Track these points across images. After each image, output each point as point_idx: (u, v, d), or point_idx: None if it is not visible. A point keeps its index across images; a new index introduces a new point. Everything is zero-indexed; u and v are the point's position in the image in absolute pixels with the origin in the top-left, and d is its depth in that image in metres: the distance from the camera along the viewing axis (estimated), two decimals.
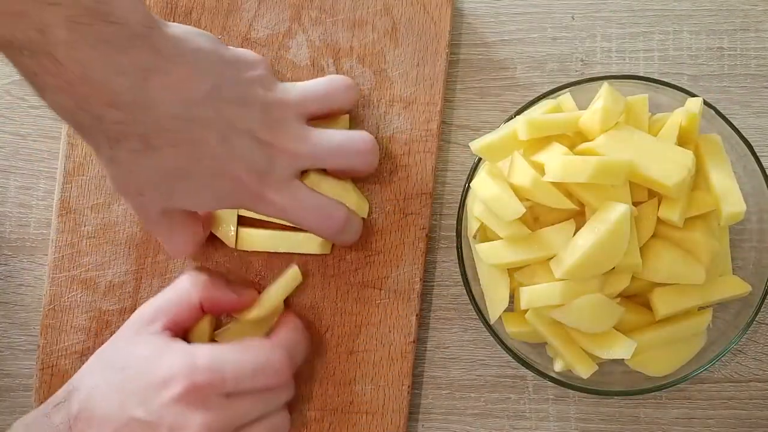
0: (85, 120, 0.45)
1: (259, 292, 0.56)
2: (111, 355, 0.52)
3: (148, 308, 0.53)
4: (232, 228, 0.57)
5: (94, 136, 0.46)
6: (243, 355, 0.50)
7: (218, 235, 0.57)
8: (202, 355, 0.49)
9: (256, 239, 0.57)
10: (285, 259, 0.57)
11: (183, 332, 0.53)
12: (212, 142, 0.48)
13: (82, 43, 0.42)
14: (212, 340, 0.55)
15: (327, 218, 0.53)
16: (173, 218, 0.52)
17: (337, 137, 0.53)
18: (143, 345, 0.51)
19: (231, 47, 0.52)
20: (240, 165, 0.49)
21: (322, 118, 0.55)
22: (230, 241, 0.57)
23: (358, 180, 0.57)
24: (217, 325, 0.56)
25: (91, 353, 0.57)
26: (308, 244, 0.56)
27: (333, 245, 0.57)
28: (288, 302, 0.57)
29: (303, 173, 0.54)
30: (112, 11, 0.42)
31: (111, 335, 0.57)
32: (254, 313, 0.54)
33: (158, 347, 0.50)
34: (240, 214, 0.57)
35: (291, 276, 0.56)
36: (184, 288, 0.53)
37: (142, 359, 0.50)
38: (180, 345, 0.50)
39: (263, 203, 0.51)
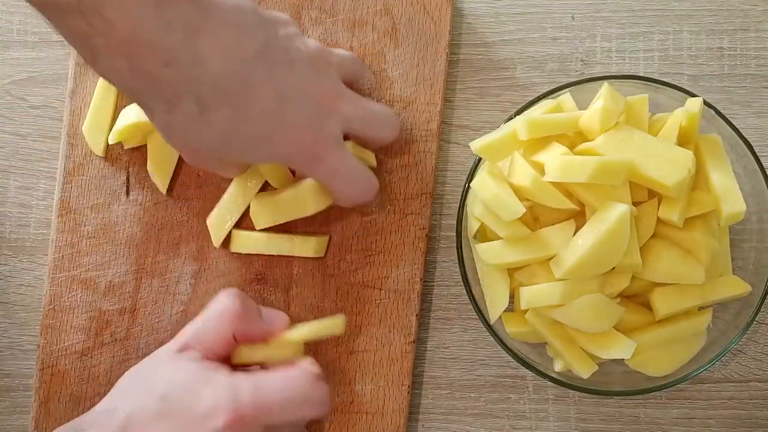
0: (139, 84, 0.45)
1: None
2: (148, 379, 0.50)
3: (185, 334, 0.51)
4: (227, 227, 0.57)
5: (149, 101, 0.46)
6: (288, 388, 0.48)
7: (210, 230, 0.57)
8: (246, 387, 0.47)
9: (250, 241, 0.57)
10: (285, 260, 0.57)
11: (221, 360, 0.51)
12: (267, 101, 0.48)
13: (129, 1, 0.42)
14: None
15: (368, 185, 0.53)
16: (226, 163, 0.53)
17: (374, 105, 0.54)
18: (183, 372, 0.49)
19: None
20: (296, 122, 0.49)
21: None
22: (217, 241, 0.57)
23: None
24: None
25: (91, 353, 0.57)
26: (303, 246, 0.56)
27: (327, 249, 0.57)
28: (289, 301, 0.57)
29: None
30: None
31: (111, 335, 0.57)
32: (284, 337, 0.51)
33: (198, 375, 0.48)
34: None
35: (334, 322, 0.52)
36: (217, 321, 0.51)
37: (182, 388, 0.48)
38: (221, 375, 0.48)
39: (317, 162, 0.51)
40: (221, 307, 0.51)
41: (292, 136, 0.49)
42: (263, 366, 0.51)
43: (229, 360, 0.51)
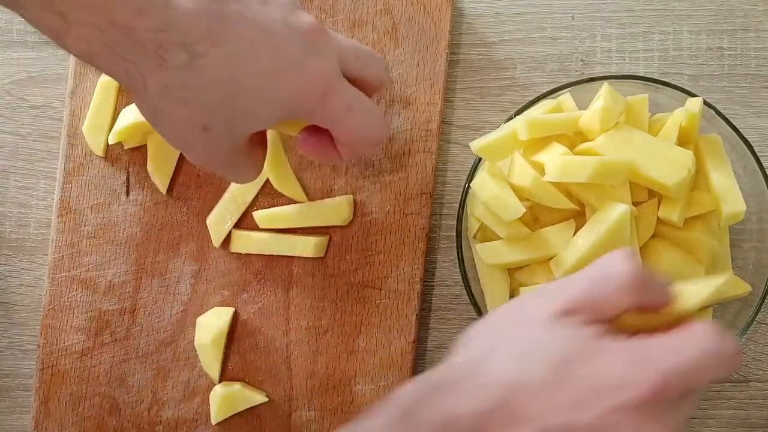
0: (121, 39, 0.44)
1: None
2: (523, 343, 0.43)
3: (566, 296, 0.42)
4: (227, 227, 0.57)
5: (138, 62, 0.45)
6: (699, 348, 0.40)
7: (210, 230, 0.57)
8: (654, 352, 0.40)
9: (250, 241, 0.57)
10: (285, 260, 0.57)
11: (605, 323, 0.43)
12: (255, 37, 0.46)
13: None
14: None
15: (382, 123, 0.50)
16: (239, 153, 0.49)
17: (360, 45, 0.51)
18: (571, 338, 0.42)
19: None
20: (296, 54, 0.47)
21: None
22: (217, 241, 0.57)
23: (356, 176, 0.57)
24: None
25: (91, 353, 0.57)
26: (303, 246, 0.56)
27: (327, 249, 0.57)
28: (289, 301, 0.57)
29: None
30: None
31: (111, 335, 0.57)
32: (679, 308, 0.43)
33: (592, 344, 0.41)
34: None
35: (726, 280, 0.45)
36: (611, 286, 0.42)
37: (577, 357, 0.41)
38: (619, 342, 0.41)
39: (331, 98, 0.48)
40: (617, 273, 0.42)
41: (296, 71, 0.47)
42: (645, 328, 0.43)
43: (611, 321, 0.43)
